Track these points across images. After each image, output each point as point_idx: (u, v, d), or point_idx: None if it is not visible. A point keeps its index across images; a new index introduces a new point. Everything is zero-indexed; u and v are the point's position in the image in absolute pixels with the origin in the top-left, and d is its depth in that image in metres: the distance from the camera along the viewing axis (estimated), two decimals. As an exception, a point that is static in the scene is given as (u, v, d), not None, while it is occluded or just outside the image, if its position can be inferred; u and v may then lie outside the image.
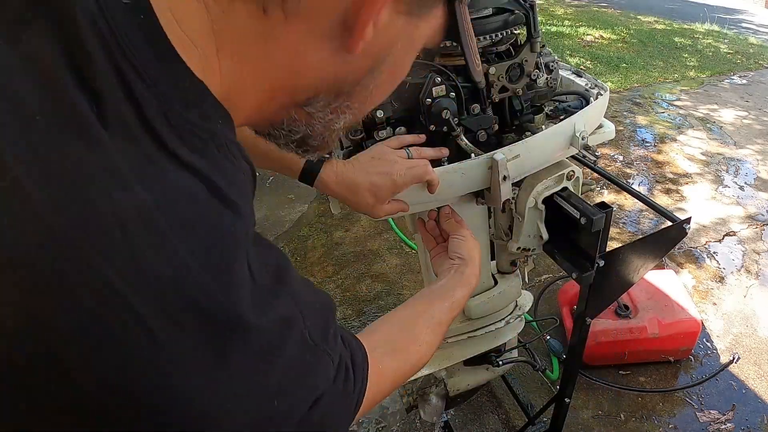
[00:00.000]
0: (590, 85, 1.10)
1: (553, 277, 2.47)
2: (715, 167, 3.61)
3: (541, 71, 0.96)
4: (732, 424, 1.75)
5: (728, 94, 5.16)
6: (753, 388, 1.89)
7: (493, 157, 0.85)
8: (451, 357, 1.30)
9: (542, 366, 1.48)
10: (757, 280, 2.45)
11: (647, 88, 5.34)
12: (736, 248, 2.70)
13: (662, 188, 3.33)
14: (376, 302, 2.38)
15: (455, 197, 0.97)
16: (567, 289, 2.16)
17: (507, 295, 1.23)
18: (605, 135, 1.05)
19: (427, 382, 1.43)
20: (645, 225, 2.93)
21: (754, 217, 2.98)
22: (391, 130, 0.90)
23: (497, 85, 0.92)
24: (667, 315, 1.89)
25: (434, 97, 0.86)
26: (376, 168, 0.81)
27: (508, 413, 1.80)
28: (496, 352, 1.37)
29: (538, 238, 1.08)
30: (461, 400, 1.53)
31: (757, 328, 2.16)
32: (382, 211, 0.86)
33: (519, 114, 0.98)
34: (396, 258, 2.69)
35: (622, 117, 4.51)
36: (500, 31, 0.88)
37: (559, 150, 0.95)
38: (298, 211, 3.19)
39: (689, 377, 1.94)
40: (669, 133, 4.19)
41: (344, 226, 3.01)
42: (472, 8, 0.85)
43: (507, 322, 1.28)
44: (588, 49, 6.69)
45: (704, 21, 8.41)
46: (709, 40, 7.36)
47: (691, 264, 2.57)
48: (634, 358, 1.92)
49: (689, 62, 6.22)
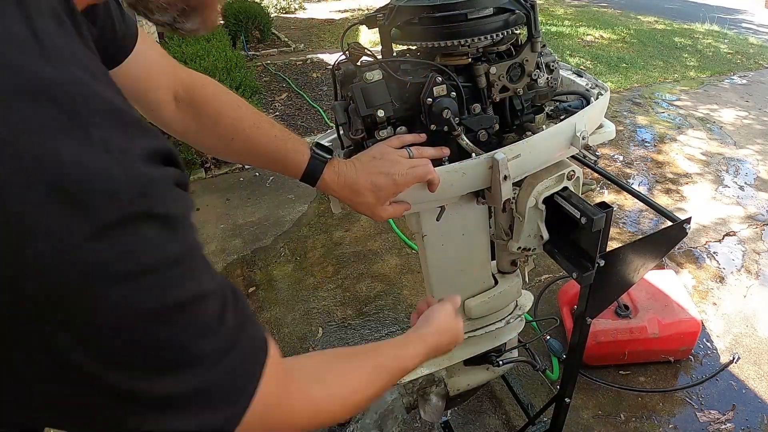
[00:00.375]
0: (591, 85, 1.10)
1: (553, 277, 2.47)
2: (715, 167, 3.61)
3: (541, 71, 0.96)
4: (732, 424, 1.75)
5: (728, 94, 5.16)
6: (753, 388, 1.89)
7: (494, 157, 0.85)
8: (451, 357, 1.30)
9: (542, 366, 1.48)
10: (757, 280, 2.45)
11: (647, 88, 5.34)
12: (736, 248, 2.70)
13: (662, 188, 3.33)
14: (376, 302, 2.38)
15: (456, 197, 0.97)
16: (567, 289, 2.16)
17: (507, 295, 1.23)
18: (605, 135, 1.05)
19: (427, 382, 1.43)
20: (645, 225, 2.93)
21: (754, 217, 2.98)
22: (392, 130, 0.90)
23: (498, 85, 0.92)
24: (667, 315, 1.89)
25: (435, 97, 0.86)
26: (378, 168, 0.81)
27: (508, 413, 1.80)
28: (496, 352, 1.37)
29: (538, 237, 1.08)
30: (461, 400, 1.53)
31: (757, 328, 2.16)
32: (385, 213, 0.85)
33: (520, 114, 0.98)
34: (396, 258, 2.69)
35: (622, 117, 4.51)
36: (501, 30, 0.88)
37: (560, 150, 0.95)
38: (298, 211, 3.19)
39: (689, 377, 1.94)
40: (669, 133, 4.19)
41: (344, 226, 3.01)
42: (473, 8, 0.85)
43: (507, 322, 1.28)
44: (588, 49, 6.69)
45: (704, 21, 8.41)
46: (709, 40, 7.36)
47: (691, 264, 2.57)
48: (634, 358, 1.92)
49: (689, 62, 6.22)
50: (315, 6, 12.41)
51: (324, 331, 2.23)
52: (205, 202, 3.33)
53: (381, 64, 0.88)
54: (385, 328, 2.22)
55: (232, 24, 7.46)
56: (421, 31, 0.89)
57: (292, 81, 5.79)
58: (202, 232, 3.01)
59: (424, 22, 0.88)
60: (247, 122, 0.83)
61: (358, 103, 0.87)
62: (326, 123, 4.57)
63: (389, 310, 2.32)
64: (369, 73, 0.86)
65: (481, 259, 1.16)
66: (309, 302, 2.40)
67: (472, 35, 0.87)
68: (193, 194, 3.26)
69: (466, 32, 0.87)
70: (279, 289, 2.50)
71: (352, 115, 0.92)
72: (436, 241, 1.08)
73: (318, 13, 11.40)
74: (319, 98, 5.22)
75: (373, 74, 0.86)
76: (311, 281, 2.55)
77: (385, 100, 0.87)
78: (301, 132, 4.35)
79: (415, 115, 0.91)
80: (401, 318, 2.27)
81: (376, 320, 2.27)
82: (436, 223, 1.02)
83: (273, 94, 5.43)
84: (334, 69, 0.96)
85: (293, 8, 11.82)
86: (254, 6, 7.86)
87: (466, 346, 1.29)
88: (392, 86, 0.88)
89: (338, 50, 0.94)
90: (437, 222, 1.01)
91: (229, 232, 2.99)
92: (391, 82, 0.88)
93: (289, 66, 6.57)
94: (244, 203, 3.31)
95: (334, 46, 7.77)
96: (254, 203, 3.31)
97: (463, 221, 1.07)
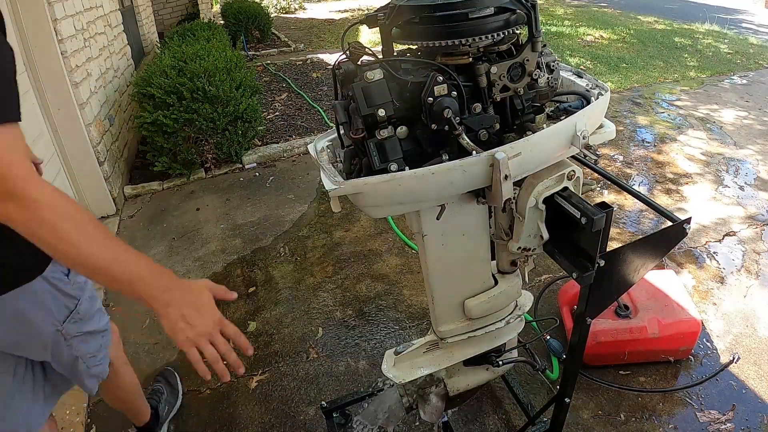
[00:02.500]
0: (591, 86, 1.10)
1: (553, 277, 2.47)
2: (716, 167, 3.61)
3: (542, 71, 0.96)
4: (732, 424, 1.75)
5: (728, 94, 5.16)
6: (753, 388, 1.89)
7: (494, 156, 0.85)
8: (451, 357, 1.30)
9: (542, 366, 1.48)
10: (757, 280, 2.45)
11: (647, 88, 5.34)
12: (736, 248, 2.70)
13: (662, 188, 3.33)
14: (376, 302, 2.38)
15: (456, 195, 0.97)
16: (567, 289, 2.16)
17: (507, 295, 1.23)
18: (606, 135, 1.05)
19: (427, 382, 1.43)
20: (645, 225, 2.93)
21: (754, 217, 2.98)
22: (392, 129, 0.90)
23: (499, 85, 0.92)
24: (667, 315, 1.89)
25: (436, 96, 0.86)
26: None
27: (508, 413, 1.80)
28: (496, 352, 1.37)
29: (538, 237, 1.08)
30: (461, 400, 1.53)
31: (757, 328, 2.16)
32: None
33: (520, 113, 0.98)
34: (396, 258, 2.69)
35: (623, 117, 4.51)
36: (502, 30, 0.88)
37: (561, 149, 0.95)
38: (298, 211, 3.19)
39: (689, 377, 1.94)
40: (669, 133, 4.19)
41: (344, 226, 3.01)
42: (474, 7, 0.86)
43: (507, 322, 1.28)
44: (588, 49, 6.69)
45: (704, 21, 8.41)
46: (709, 40, 7.36)
47: (691, 264, 2.58)
48: (634, 358, 1.92)
49: (689, 62, 6.22)
50: (315, 6, 12.41)
51: (324, 330, 2.23)
52: (205, 202, 3.32)
53: (382, 63, 0.88)
54: (385, 328, 2.22)
55: (232, 24, 7.47)
56: (422, 30, 0.89)
57: (292, 81, 5.79)
58: (202, 232, 3.01)
59: (425, 21, 0.88)
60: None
61: (358, 102, 0.87)
62: (326, 123, 4.57)
63: (389, 310, 2.32)
64: (370, 72, 0.86)
65: (481, 259, 1.16)
66: (309, 302, 2.40)
67: (473, 34, 0.87)
68: (193, 194, 3.26)
69: (467, 31, 0.87)
70: (279, 289, 2.50)
71: (353, 114, 0.92)
72: (436, 241, 1.08)
73: (318, 13, 11.40)
74: (319, 98, 5.22)
75: (373, 73, 0.86)
76: (311, 281, 2.55)
77: (385, 100, 0.87)
78: (301, 132, 4.35)
79: (415, 114, 0.91)
80: (401, 318, 2.27)
81: (376, 320, 2.27)
82: (436, 223, 1.02)
83: (273, 94, 5.43)
84: (335, 68, 0.96)
85: (293, 8, 11.82)
86: (254, 6, 7.86)
87: (466, 346, 1.29)
88: (393, 85, 0.88)
89: (338, 50, 0.94)
90: (437, 221, 1.01)
91: (229, 232, 2.99)
92: (392, 81, 0.88)
93: (289, 66, 6.57)
94: (244, 203, 3.31)
95: (334, 46, 7.77)
96: (254, 203, 3.31)
97: (463, 221, 1.07)
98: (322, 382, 1.97)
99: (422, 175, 0.86)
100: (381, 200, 0.91)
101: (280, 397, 1.91)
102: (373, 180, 0.87)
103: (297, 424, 1.81)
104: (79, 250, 0.74)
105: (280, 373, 2.02)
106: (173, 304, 0.80)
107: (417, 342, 1.34)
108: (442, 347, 1.31)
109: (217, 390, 1.95)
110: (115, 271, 0.76)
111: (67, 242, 0.73)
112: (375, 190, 0.89)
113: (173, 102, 3.43)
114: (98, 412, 1.87)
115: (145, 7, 6.17)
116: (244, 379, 1.99)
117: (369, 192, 0.90)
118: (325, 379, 1.98)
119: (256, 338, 2.20)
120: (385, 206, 0.94)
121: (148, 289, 0.79)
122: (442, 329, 1.25)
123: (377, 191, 0.89)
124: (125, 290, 0.78)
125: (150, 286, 0.79)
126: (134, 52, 5.04)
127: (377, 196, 0.91)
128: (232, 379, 1.99)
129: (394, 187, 0.87)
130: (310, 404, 1.87)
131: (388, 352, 1.35)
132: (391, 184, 0.87)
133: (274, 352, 2.12)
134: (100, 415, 1.86)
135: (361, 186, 0.88)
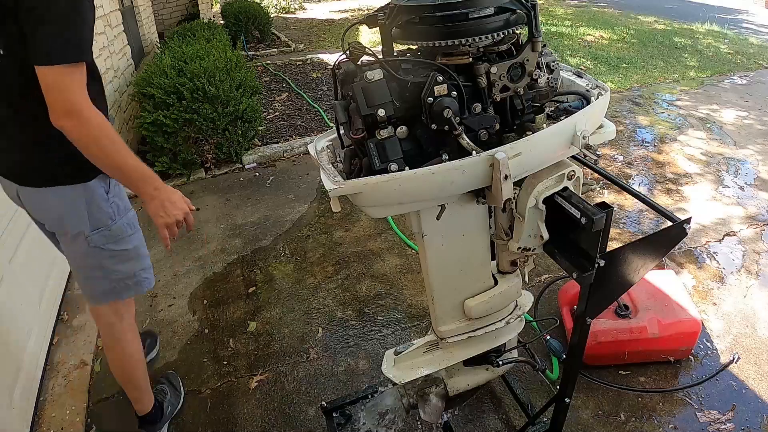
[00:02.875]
0: (591, 86, 1.10)
1: (553, 277, 2.47)
2: (716, 167, 3.61)
3: (542, 71, 0.96)
4: (732, 424, 1.75)
5: (728, 94, 5.16)
6: (753, 388, 1.89)
7: (495, 156, 0.85)
8: (451, 357, 1.30)
9: (542, 366, 1.48)
10: (757, 280, 2.45)
11: (647, 88, 5.34)
12: (736, 248, 2.70)
13: (662, 188, 3.33)
14: (376, 302, 2.38)
15: (456, 195, 0.97)
16: (567, 289, 2.16)
17: (507, 295, 1.23)
18: (606, 135, 1.05)
19: (427, 382, 1.43)
20: (645, 225, 2.93)
21: (754, 217, 2.98)
22: (392, 129, 0.90)
23: (499, 85, 0.92)
24: (667, 315, 1.89)
25: (436, 96, 0.86)
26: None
27: (508, 413, 1.80)
28: (496, 352, 1.37)
29: (538, 237, 1.08)
30: (461, 400, 1.53)
31: (757, 328, 2.16)
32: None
33: (520, 113, 0.98)
34: (396, 258, 2.69)
35: (623, 117, 4.51)
36: (502, 30, 0.88)
37: (561, 149, 0.95)
38: (298, 211, 3.19)
39: (689, 377, 1.94)
40: (669, 133, 4.19)
41: (344, 226, 3.01)
42: (474, 7, 0.85)
43: (507, 322, 1.28)
44: (588, 49, 6.69)
45: (704, 21, 8.41)
46: (709, 40, 7.36)
47: (691, 264, 2.58)
48: (634, 358, 1.92)
49: (689, 62, 6.22)
50: (315, 6, 12.41)
51: (324, 330, 2.23)
52: (205, 202, 3.32)
53: (382, 63, 0.88)
54: (386, 328, 2.22)
55: (232, 24, 7.47)
56: (422, 30, 0.89)
57: (292, 81, 5.79)
58: (202, 232, 3.01)
59: (425, 21, 0.88)
60: None
61: (358, 102, 0.87)
62: (326, 123, 4.57)
63: (389, 310, 2.32)
64: (370, 72, 0.86)
65: (481, 259, 1.16)
66: (309, 302, 2.40)
67: (473, 35, 0.87)
68: (193, 194, 3.25)
69: (467, 31, 0.87)
70: (279, 289, 2.50)
71: (353, 114, 0.92)
72: (436, 241, 1.08)
73: (318, 13, 11.40)
74: (319, 98, 5.22)
75: (374, 73, 0.86)
76: (311, 281, 2.55)
77: (385, 100, 0.87)
78: (301, 132, 4.35)
79: (415, 114, 0.91)
80: (401, 318, 2.27)
81: (376, 320, 2.27)
82: (436, 223, 1.02)
83: (273, 94, 5.43)
84: (335, 68, 0.96)
85: (293, 8, 11.83)
86: (254, 6, 7.86)
87: (466, 346, 1.29)
88: (393, 85, 0.88)
89: (338, 50, 0.94)
90: (438, 221, 1.01)
91: (229, 232, 2.99)
92: (392, 81, 0.88)
93: (289, 66, 6.57)
94: (244, 203, 3.31)
95: (334, 46, 7.77)
96: (254, 203, 3.31)
97: (463, 221, 1.07)
98: (322, 382, 1.97)
99: (422, 175, 0.86)
100: (381, 200, 0.92)
101: (280, 397, 1.91)
102: (373, 180, 0.87)
103: (297, 424, 1.81)
104: (113, 156, 1.15)
105: (280, 373, 2.02)
106: (157, 198, 1.23)
107: (417, 342, 1.34)
108: (442, 347, 1.31)
109: (217, 390, 1.95)
110: (132, 172, 1.19)
111: (105, 151, 1.13)
112: (375, 190, 0.89)
113: (173, 102, 3.43)
114: (98, 412, 1.87)
115: (145, 7, 6.17)
116: (244, 380, 1.99)
117: (369, 192, 0.90)
118: (325, 379, 1.98)
119: (256, 338, 2.20)
120: (385, 206, 0.94)
121: (147, 187, 1.21)
122: (442, 329, 1.25)
123: (377, 191, 0.89)
124: (132, 186, 1.20)
125: (148, 184, 1.22)
126: (134, 52, 5.04)
127: (377, 196, 0.91)
128: (231, 379, 1.99)
129: (394, 187, 0.88)
130: (310, 404, 1.87)
131: (388, 352, 1.35)
132: (391, 184, 0.87)
133: (274, 352, 2.12)
134: (100, 415, 1.86)
135: (361, 186, 0.88)
